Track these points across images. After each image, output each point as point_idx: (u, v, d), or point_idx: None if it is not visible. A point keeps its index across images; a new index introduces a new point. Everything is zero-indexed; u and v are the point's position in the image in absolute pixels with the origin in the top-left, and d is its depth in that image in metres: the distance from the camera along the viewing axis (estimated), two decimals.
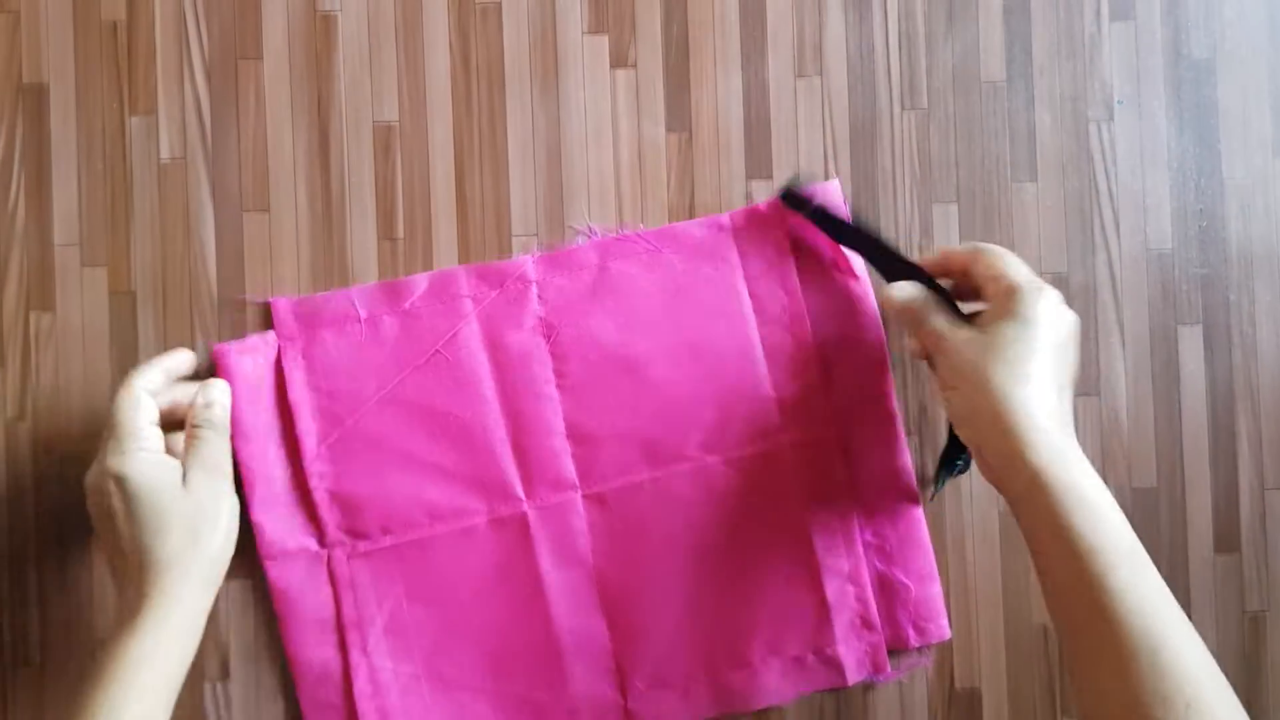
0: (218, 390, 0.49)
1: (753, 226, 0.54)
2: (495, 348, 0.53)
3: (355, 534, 0.52)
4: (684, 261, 0.53)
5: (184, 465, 0.47)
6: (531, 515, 0.52)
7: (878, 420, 0.53)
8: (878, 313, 0.54)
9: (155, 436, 0.46)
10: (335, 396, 0.52)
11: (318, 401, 0.52)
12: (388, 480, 0.52)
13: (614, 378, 0.53)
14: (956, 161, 0.56)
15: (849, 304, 0.53)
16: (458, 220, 0.55)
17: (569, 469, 0.52)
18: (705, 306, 0.53)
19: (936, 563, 0.54)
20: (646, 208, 0.55)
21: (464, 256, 0.55)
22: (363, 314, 0.53)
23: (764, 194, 0.55)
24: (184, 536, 0.45)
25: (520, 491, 0.52)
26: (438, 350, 0.52)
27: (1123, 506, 0.54)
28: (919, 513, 0.54)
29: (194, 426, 0.48)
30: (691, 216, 0.55)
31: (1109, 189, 0.56)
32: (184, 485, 0.46)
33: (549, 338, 0.53)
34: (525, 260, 0.53)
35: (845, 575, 0.53)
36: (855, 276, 0.53)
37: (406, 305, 0.53)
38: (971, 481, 0.55)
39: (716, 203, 0.55)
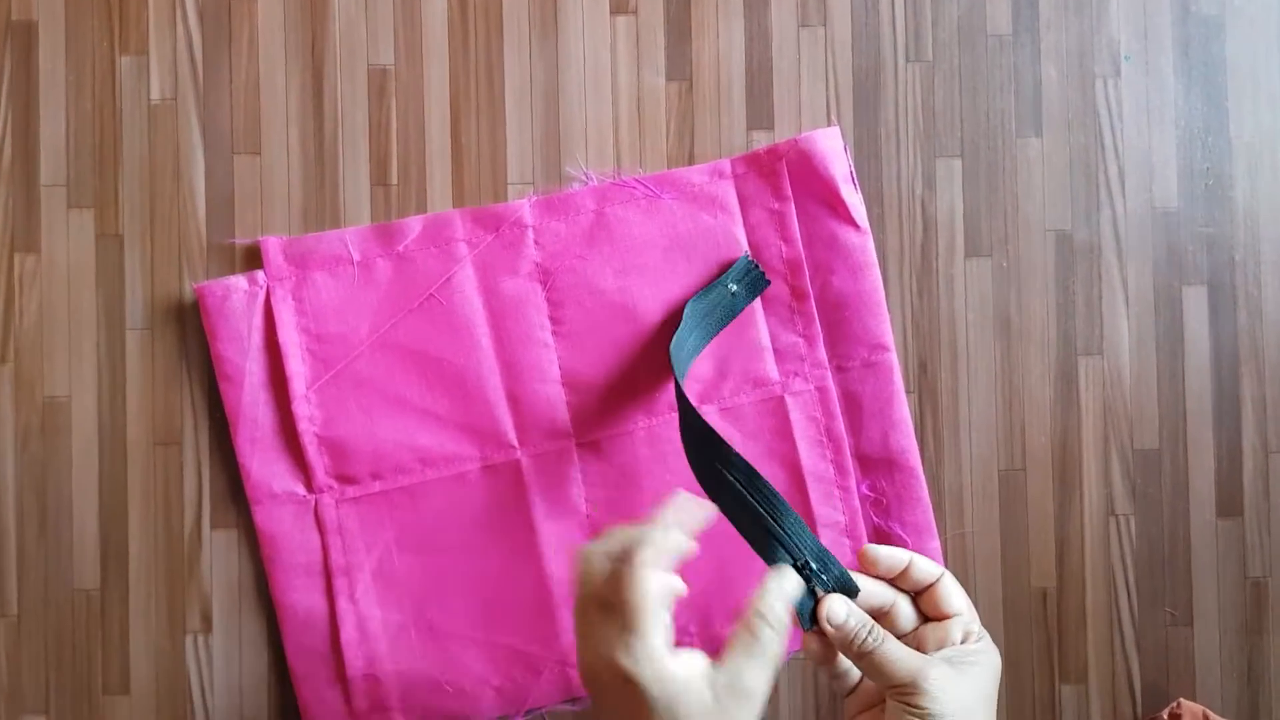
0: (791, 578, 0.45)
1: (753, 173, 0.56)
2: (490, 293, 0.55)
3: (344, 479, 0.55)
4: (683, 208, 0.56)
5: (720, 666, 0.42)
6: (525, 463, 0.55)
7: (876, 372, 0.56)
8: (877, 264, 0.57)
9: (666, 629, 0.42)
10: (325, 339, 0.55)
11: (307, 343, 0.55)
12: (378, 425, 0.55)
13: (610, 325, 0.55)
14: (961, 115, 0.59)
15: (849, 254, 0.56)
16: (452, 167, 0.57)
17: (564, 416, 0.55)
18: (704, 254, 0.56)
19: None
20: (645, 157, 0.58)
21: (458, 204, 0.57)
22: (355, 256, 0.55)
23: (765, 145, 0.58)
24: None
25: (514, 438, 0.55)
26: (431, 294, 0.55)
27: (1124, 468, 0.58)
28: (917, 467, 0.56)
29: (753, 617, 0.43)
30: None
31: (1114, 146, 0.59)
32: (715, 702, 0.41)
33: (545, 283, 0.55)
34: (522, 204, 0.56)
35: (841, 528, 0.56)
36: (856, 226, 0.56)
37: (400, 248, 0.55)
38: (970, 441, 0.58)
39: (716, 154, 0.58)
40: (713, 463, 0.48)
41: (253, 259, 0.56)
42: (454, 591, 0.55)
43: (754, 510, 0.46)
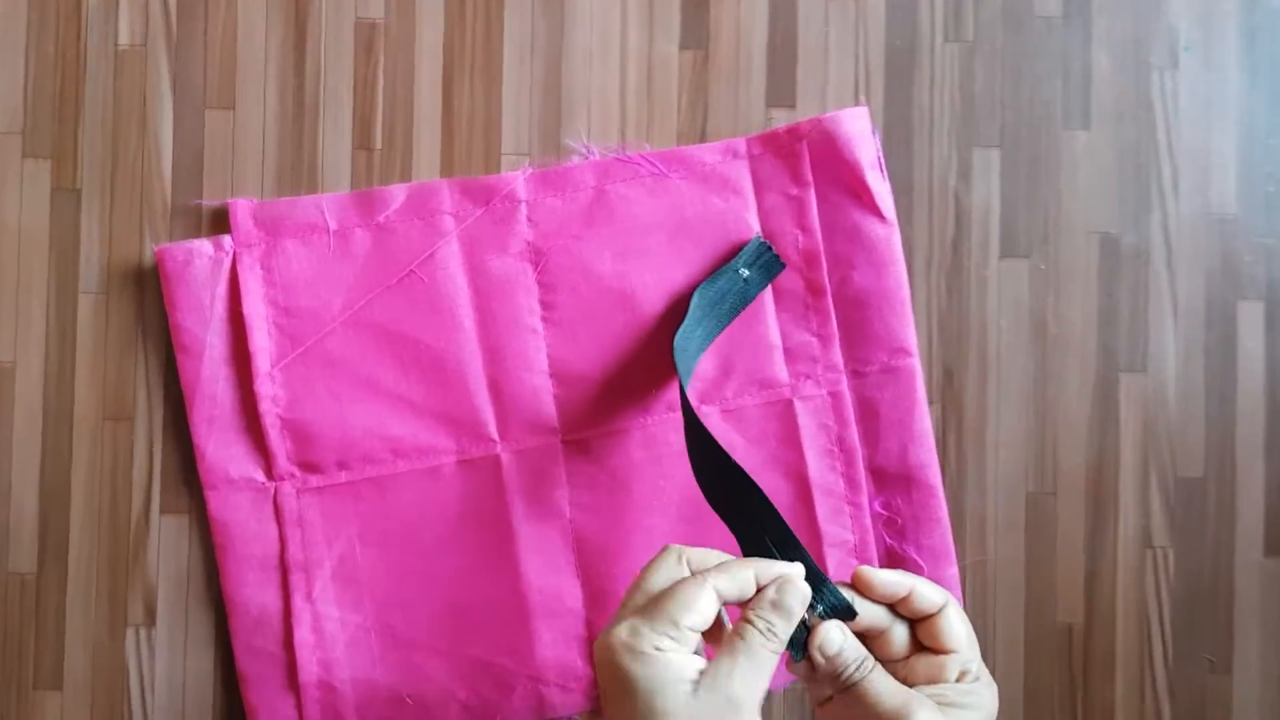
0: (796, 596, 0.42)
1: (770, 154, 0.54)
2: (476, 272, 0.53)
3: (307, 467, 0.52)
4: (691, 189, 0.53)
5: (705, 668, 0.41)
6: (505, 458, 0.52)
7: (896, 378, 0.53)
8: (902, 260, 0.54)
9: (693, 640, 0.41)
10: (295, 313, 0.52)
11: (275, 317, 0.52)
12: (347, 410, 0.52)
13: (606, 313, 0.53)
14: (1002, 102, 0.56)
15: (872, 247, 0.53)
16: (442, 133, 0.55)
17: (549, 410, 0.52)
18: (712, 240, 0.53)
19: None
20: (653, 132, 0.55)
21: (446, 173, 0.55)
22: (332, 224, 0.53)
23: (785, 124, 0.55)
24: None
25: (494, 432, 0.52)
26: (412, 270, 0.52)
27: (1164, 497, 0.55)
28: (937, 485, 0.54)
29: (748, 622, 0.42)
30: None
31: (1169, 144, 0.56)
32: (694, 697, 0.40)
33: (537, 264, 0.53)
34: (515, 177, 0.53)
35: (849, 548, 0.53)
36: (882, 217, 0.53)
37: (381, 218, 0.53)
38: (997, 460, 0.55)
39: (731, 131, 0.55)
40: (713, 469, 0.46)
41: (220, 222, 0.54)
42: (420, 595, 0.52)
43: (751, 524, 0.44)
